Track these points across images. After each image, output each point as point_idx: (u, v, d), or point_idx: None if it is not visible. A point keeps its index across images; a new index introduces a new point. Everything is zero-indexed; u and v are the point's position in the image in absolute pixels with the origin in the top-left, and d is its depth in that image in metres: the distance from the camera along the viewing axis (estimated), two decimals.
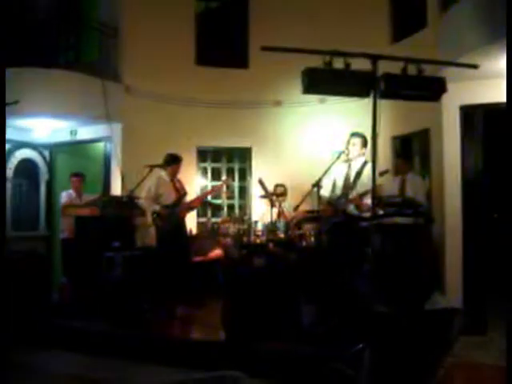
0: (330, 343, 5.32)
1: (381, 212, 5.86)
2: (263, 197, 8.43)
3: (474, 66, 5.22)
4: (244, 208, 10.48)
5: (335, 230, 6.63)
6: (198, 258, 8.72)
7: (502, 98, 5.93)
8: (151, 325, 6.49)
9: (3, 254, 6.09)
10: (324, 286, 6.43)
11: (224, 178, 8.52)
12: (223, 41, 10.66)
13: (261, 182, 8.12)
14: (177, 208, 7.77)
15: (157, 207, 7.72)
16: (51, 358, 6.11)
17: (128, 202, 7.31)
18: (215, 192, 9.00)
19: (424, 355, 4.91)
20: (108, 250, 7.41)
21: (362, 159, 6.71)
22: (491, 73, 6.35)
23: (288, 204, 8.88)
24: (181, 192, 7.93)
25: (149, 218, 7.91)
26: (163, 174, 7.90)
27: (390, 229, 5.51)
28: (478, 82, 6.75)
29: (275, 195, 8.66)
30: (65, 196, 8.75)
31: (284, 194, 9.04)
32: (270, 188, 8.56)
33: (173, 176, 7.94)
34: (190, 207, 8.13)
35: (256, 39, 10.00)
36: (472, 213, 7.16)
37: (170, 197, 7.81)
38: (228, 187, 9.06)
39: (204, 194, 8.89)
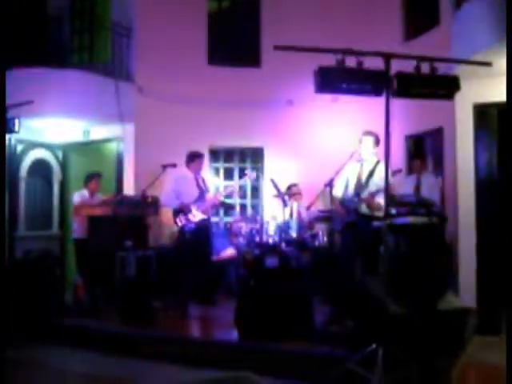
0: (343, 343, 5.32)
1: (393, 211, 5.83)
2: (276, 196, 8.42)
3: (488, 64, 5.19)
4: (256, 208, 10.47)
5: (348, 229, 6.62)
6: None
7: None
8: (164, 324, 6.50)
9: (4, 254, 6.13)
10: (337, 285, 6.43)
11: (248, 171, 8.22)
12: (235, 40, 10.67)
13: (273, 182, 8.11)
14: (200, 204, 7.68)
15: (178, 205, 7.64)
16: (66, 356, 6.15)
17: (140, 202, 7.32)
18: (237, 187, 8.75)
19: (438, 355, 4.89)
20: (121, 249, 7.45)
21: (375, 158, 6.69)
22: (505, 70, 6.30)
23: (302, 204, 8.86)
24: (203, 189, 7.86)
25: (164, 217, 7.89)
26: (186, 171, 7.85)
27: (403, 228, 5.48)
28: (492, 79, 6.69)
29: (288, 195, 8.64)
30: (77, 196, 8.73)
31: (299, 193, 9.01)
32: (283, 188, 8.56)
33: (196, 173, 7.88)
34: (213, 204, 8.01)
35: (268, 38, 9.99)
36: (486, 212, 7.11)
37: (192, 194, 7.74)
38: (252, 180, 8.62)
39: (226, 192, 8.36)
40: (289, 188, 8.96)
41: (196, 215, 7.48)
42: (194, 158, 7.86)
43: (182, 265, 7.46)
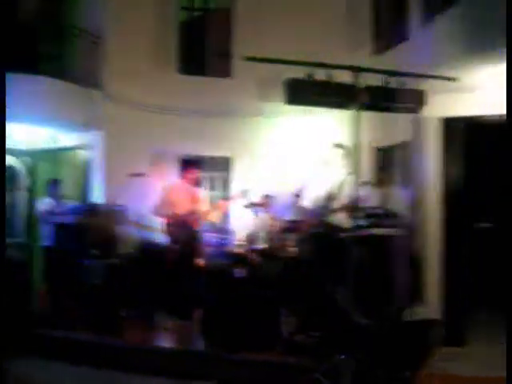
0: (310, 354, 5.33)
1: (361, 223, 5.88)
2: (246, 206, 8.43)
3: (452, 79, 5.28)
4: (226, 218, 10.43)
5: (314, 240, 6.65)
6: None
7: (481, 110, 6.01)
8: (130, 333, 6.45)
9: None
10: (303, 296, 6.44)
11: (241, 190, 8.19)
12: (206, 50, 10.68)
13: (242, 193, 8.12)
14: (190, 216, 7.59)
15: (168, 214, 7.53)
16: (32, 367, 6.06)
17: (109, 210, 7.27)
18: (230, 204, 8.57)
19: (403, 366, 4.92)
20: (87, 257, 7.38)
21: (344, 170, 6.74)
22: (471, 85, 6.41)
23: (272, 214, 8.88)
24: (193, 200, 7.76)
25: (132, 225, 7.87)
26: (177, 180, 7.76)
27: (367, 240, 5.53)
28: (459, 94, 6.80)
29: (258, 205, 8.66)
30: (44, 204, 8.58)
31: (268, 203, 9.02)
32: (256, 198, 8.56)
33: (188, 182, 7.75)
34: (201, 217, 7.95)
35: (239, 48, 10.00)
36: (452, 224, 7.20)
37: (181, 204, 7.65)
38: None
39: (219, 207, 8.08)
40: (262, 198, 8.98)
41: None
42: (188, 165, 7.76)
43: (149, 275, 7.42)
